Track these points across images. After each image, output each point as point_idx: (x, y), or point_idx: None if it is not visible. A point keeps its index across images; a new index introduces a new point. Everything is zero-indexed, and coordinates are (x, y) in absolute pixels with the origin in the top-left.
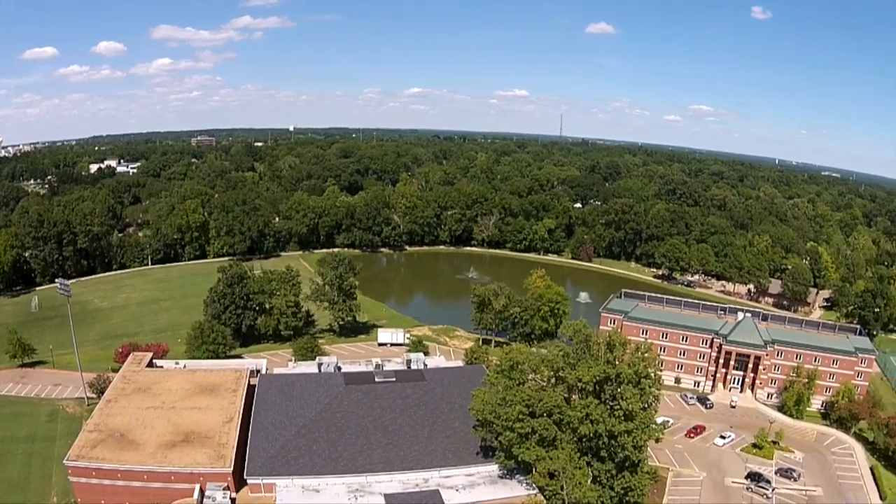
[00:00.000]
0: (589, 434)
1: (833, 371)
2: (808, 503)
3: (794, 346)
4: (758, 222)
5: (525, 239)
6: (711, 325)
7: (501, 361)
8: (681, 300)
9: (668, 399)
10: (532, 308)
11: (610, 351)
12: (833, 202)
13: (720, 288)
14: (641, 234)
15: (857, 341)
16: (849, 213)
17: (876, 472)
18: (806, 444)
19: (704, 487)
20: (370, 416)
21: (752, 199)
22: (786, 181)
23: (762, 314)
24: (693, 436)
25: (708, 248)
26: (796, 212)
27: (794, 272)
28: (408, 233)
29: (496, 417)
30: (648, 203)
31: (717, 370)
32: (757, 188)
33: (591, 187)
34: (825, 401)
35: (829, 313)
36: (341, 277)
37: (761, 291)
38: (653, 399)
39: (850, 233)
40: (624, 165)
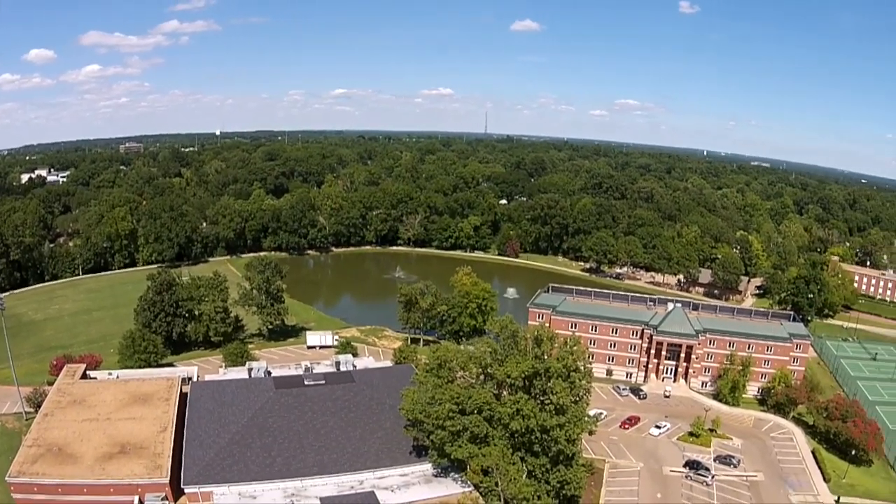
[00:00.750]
0: (521, 429)
1: (768, 357)
2: (749, 489)
3: (726, 334)
4: (686, 213)
5: (451, 237)
6: (641, 316)
7: (430, 360)
8: (609, 293)
9: (601, 391)
10: (459, 305)
11: (538, 346)
12: (763, 191)
13: (649, 279)
14: (568, 229)
15: (792, 327)
16: (779, 202)
17: (818, 455)
18: (744, 431)
19: (642, 477)
20: (301, 419)
21: (680, 191)
22: (714, 172)
23: (693, 304)
24: (628, 427)
25: (636, 241)
26: (725, 202)
27: (724, 261)
28: (334, 234)
29: (426, 416)
30: (574, 198)
31: (648, 361)
32: (685, 180)
33: (517, 183)
34: (761, 387)
35: (761, 301)
36: (268, 281)
37: (691, 281)
38: (584, 392)
39: (782, 221)
40: (549, 161)
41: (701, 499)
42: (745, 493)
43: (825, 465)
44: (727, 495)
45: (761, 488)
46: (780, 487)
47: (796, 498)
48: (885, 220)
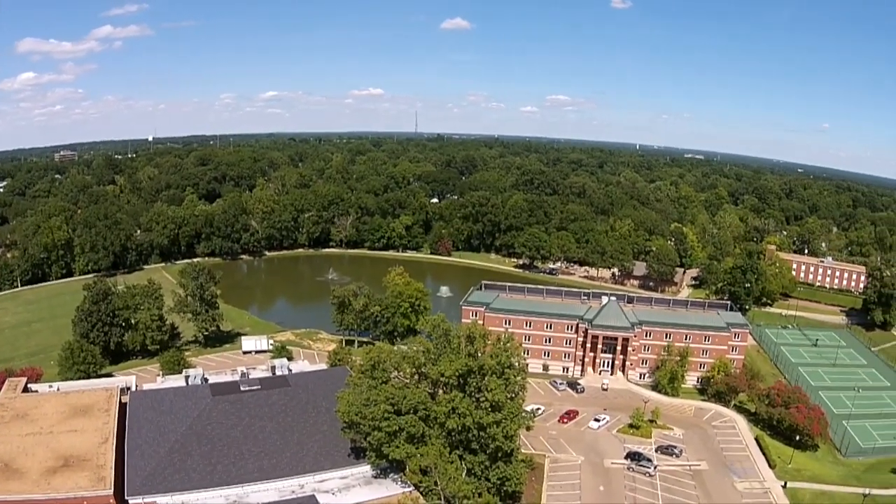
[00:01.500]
0: (457, 427)
1: (706, 347)
2: (693, 478)
3: (662, 325)
4: (619, 207)
5: (383, 237)
6: (576, 310)
7: (364, 362)
8: (543, 288)
9: (538, 386)
10: (392, 306)
11: (470, 343)
12: (697, 183)
13: (584, 273)
14: (500, 226)
15: (729, 317)
16: (714, 193)
17: (762, 442)
18: (685, 421)
19: (583, 471)
20: (239, 425)
21: (613, 185)
22: (647, 165)
23: (628, 297)
24: (566, 421)
25: (568, 236)
26: (659, 195)
27: (658, 253)
28: (266, 238)
29: (362, 418)
30: (506, 194)
31: (585, 355)
32: (618, 174)
33: (448, 182)
34: (701, 377)
35: (697, 291)
36: (202, 287)
37: (626, 274)
38: (519, 388)
39: (717, 212)
40: (480, 158)
41: (644, 490)
42: (689, 483)
43: (770, 452)
44: (671, 485)
45: (705, 477)
46: (725, 475)
47: (742, 485)
48: (823, 209)
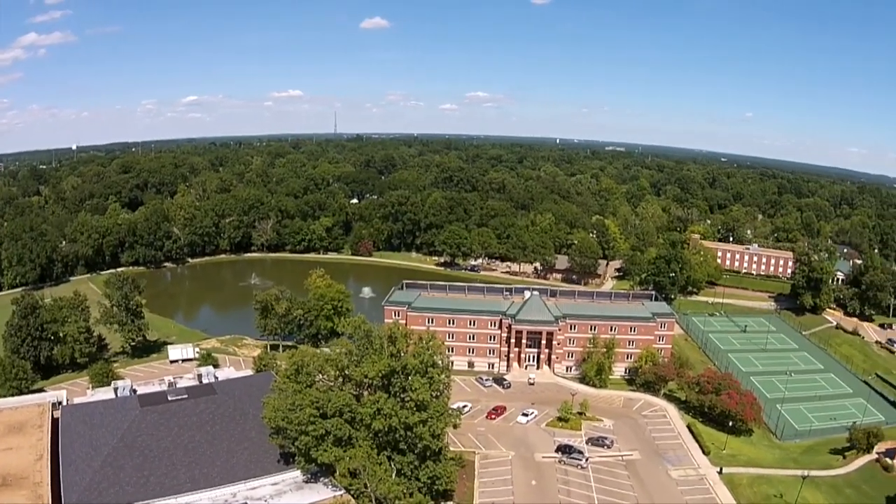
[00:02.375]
0: (383, 428)
1: (632, 338)
2: (626, 468)
3: (587, 318)
4: (540, 201)
5: (304, 240)
6: (498, 306)
7: (288, 366)
8: (465, 285)
9: (464, 384)
10: (315, 308)
11: (392, 344)
12: (619, 175)
13: (506, 269)
14: (420, 224)
15: (654, 307)
16: (635, 185)
17: (694, 429)
18: (614, 412)
19: (515, 466)
20: (169, 436)
21: (533, 180)
22: (568, 159)
23: (550, 290)
24: (494, 417)
25: (489, 232)
26: (580, 188)
27: (580, 246)
28: (189, 245)
29: (289, 423)
30: (425, 193)
31: (510, 350)
32: (538, 169)
33: (367, 182)
34: (628, 367)
35: (621, 283)
36: (127, 297)
37: (549, 268)
38: (443, 386)
39: (639, 203)
40: (399, 157)
41: (577, 482)
42: (623, 473)
43: (703, 439)
44: (604, 476)
45: (639, 466)
46: (658, 464)
47: (676, 473)
48: (748, 197)
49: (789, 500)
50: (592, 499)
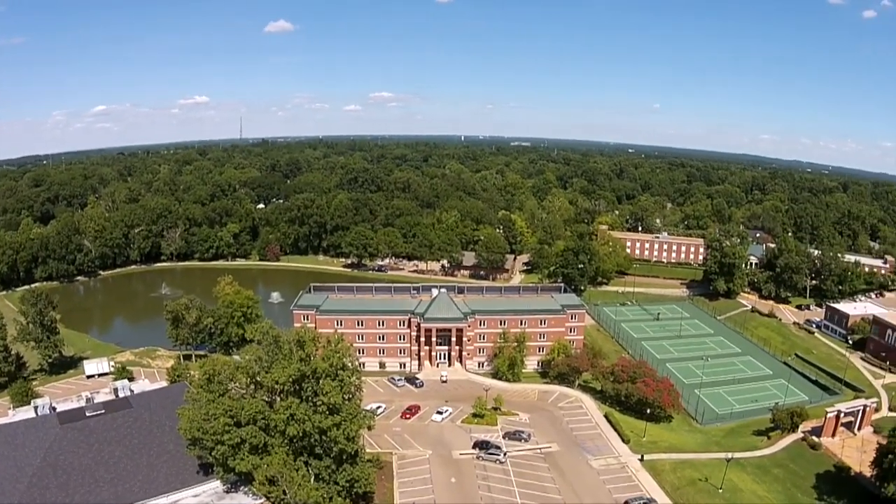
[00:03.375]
0: (298, 434)
1: (543, 331)
2: (545, 460)
3: (496, 313)
4: (445, 199)
5: (212, 247)
6: (406, 305)
7: (200, 375)
8: (372, 286)
9: (377, 385)
10: (225, 316)
11: (301, 348)
12: (524, 170)
13: (413, 268)
14: (326, 226)
15: (564, 298)
16: (541, 179)
17: (611, 419)
18: (529, 405)
19: (433, 464)
20: (90, 453)
21: (438, 178)
22: (473, 156)
23: (458, 287)
24: (409, 416)
25: (395, 231)
26: (485, 184)
27: (486, 242)
28: (100, 257)
29: (204, 433)
30: (331, 195)
31: (420, 349)
32: (443, 166)
33: (273, 186)
34: (541, 360)
35: (530, 276)
36: (42, 314)
37: (456, 265)
38: (354, 389)
39: (545, 197)
40: (304, 160)
41: (497, 477)
42: (542, 466)
43: (621, 427)
44: (524, 470)
45: (558, 458)
46: (578, 455)
47: (597, 462)
48: (656, 186)
49: (715, 483)
50: (513, 493)
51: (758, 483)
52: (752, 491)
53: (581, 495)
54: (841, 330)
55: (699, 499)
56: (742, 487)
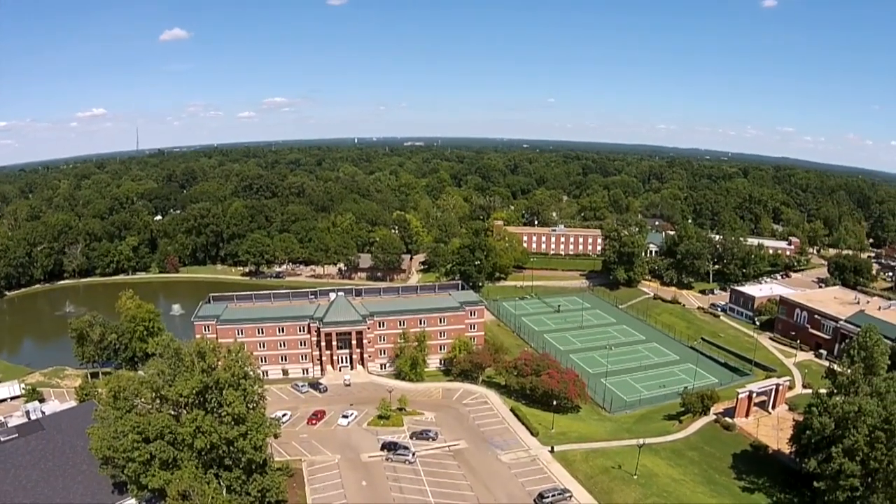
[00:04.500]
0: (205, 446)
1: (443, 329)
2: (455, 458)
3: (394, 313)
4: (339, 202)
5: (112, 262)
6: (305, 311)
7: (106, 393)
8: (270, 293)
9: (281, 392)
10: (128, 331)
11: (202, 359)
12: (418, 170)
13: (310, 273)
14: (223, 235)
15: (462, 296)
16: (435, 178)
17: (518, 412)
18: (434, 404)
19: (343, 469)
20: (7, 479)
21: (332, 181)
22: (366, 158)
23: (356, 290)
24: (315, 422)
25: (291, 237)
26: (379, 185)
27: (382, 243)
28: (5, 277)
29: (114, 451)
30: (226, 203)
31: (322, 354)
32: (336, 169)
33: (170, 197)
34: (443, 358)
35: (427, 275)
36: None
37: (353, 268)
38: (258, 397)
39: (439, 195)
40: (200, 169)
41: (408, 477)
42: (452, 463)
43: (529, 420)
44: (434, 469)
45: (467, 455)
46: (487, 451)
47: (507, 457)
48: (551, 180)
49: (629, 470)
50: (426, 493)
51: (673, 467)
52: (668, 475)
53: (493, 491)
54: (747, 312)
55: (614, 486)
56: (657, 472)
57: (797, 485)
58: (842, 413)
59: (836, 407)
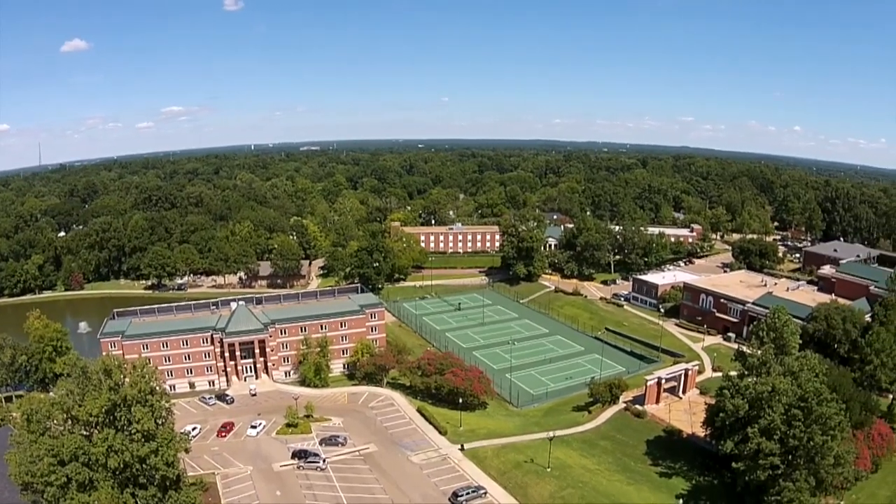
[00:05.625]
0: (119, 465)
1: (344, 333)
2: (366, 462)
3: (295, 320)
4: (237, 210)
5: (19, 281)
6: (208, 322)
7: (19, 417)
8: (172, 306)
9: (189, 406)
10: (38, 352)
11: (109, 377)
12: (314, 174)
13: (212, 283)
14: (125, 249)
15: (362, 299)
16: (332, 181)
17: (425, 412)
18: (341, 409)
19: (256, 480)
20: None
21: (230, 189)
22: (263, 164)
23: (256, 298)
24: (224, 434)
25: (191, 248)
26: (276, 191)
27: (280, 250)
28: None
29: (32, 476)
30: (127, 216)
31: (226, 364)
32: (234, 177)
33: (72, 213)
34: (346, 362)
35: (327, 280)
36: None
37: (253, 276)
38: (165, 412)
39: (336, 199)
40: (101, 183)
41: (321, 484)
42: (364, 467)
43: (436, 420)
44: (346, 474)
45: (378, 458)
46: (397, 452)
47: (417, 458)
48: (447, 178)
49: (542, 463)
50: (340, 499)
51: (586, 457)
52: (582, 466)
53: (407, 492)
54: (651, 300)
55: (528, 480)
56: (571, 464)
57: (716, 467)
58: (755, 394)
59: (749, 388)
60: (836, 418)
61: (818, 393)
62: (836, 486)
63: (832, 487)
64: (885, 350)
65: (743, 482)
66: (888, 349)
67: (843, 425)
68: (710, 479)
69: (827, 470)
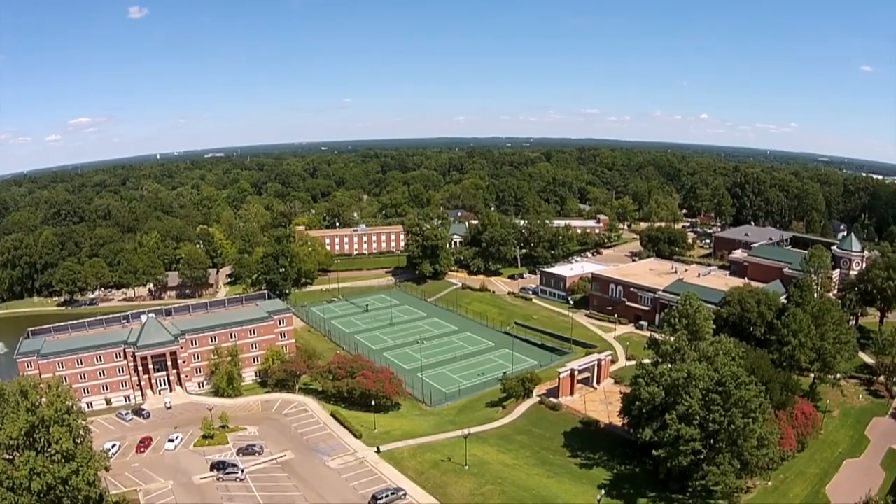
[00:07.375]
0: (42, 488)
1: (254, 340)
2: (284, 469)
3: (205, 330)
4: (144, 221)
5: None
6: (119, 336)
7: None
8: (85, 321)
9: (107, 423)
10: None
11: (25, 398)
12: (219, 181)
13: (122, 296)
14: (36, 266)
15: (269, 305)
16: (236, 188)
17: (339, 417)
18: (255, 418)
19: (177, 494)
20: None
21: (137, 200)
22: (168, 174)
23: (166, 310)
24: (143, 450)
25: (100, 261)
26: (182, 200)
27: (188, 259)
28: None
29: None
30: (37, 232)
31: (140, 379)
32: (140, 188)
33: None
34: (258, 370)
35: (234, 288)
36: None
37: (162, 287)
38: (83, 431)
39: (241, 206)
40: (11, 199)
41: (241, 495)
42: (282, 475)
43: (350, 423)
44: (265, 483)
45: (295, 465)
46: (314, 458)
47: (334, 462)
48: (350, 180)
49: (459, 461)
50: None
51: (504, 453)
52: (500, 461)
53: (327, 497)
54: (560, 292)
55: (447, 479)
56: (488, 460)
57: (636, 455)
58: (670, 381)
59: (664, 375)
60: (755, 400)
61: (735, 376)
62: (762, 468)
63: (758, 469)
64: (802, 330)
65: (665, 469)
66: (805, 329)
67: (763, 407)
68: (632, 467)
69: (751, 452)
